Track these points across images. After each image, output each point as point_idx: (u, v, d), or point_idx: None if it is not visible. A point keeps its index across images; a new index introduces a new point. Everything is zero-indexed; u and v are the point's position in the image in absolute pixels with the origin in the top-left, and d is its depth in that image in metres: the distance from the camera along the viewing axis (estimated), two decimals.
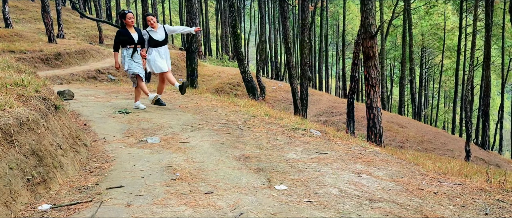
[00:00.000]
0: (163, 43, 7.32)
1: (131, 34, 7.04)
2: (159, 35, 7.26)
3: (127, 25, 7.07)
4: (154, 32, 7.23)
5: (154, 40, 7.20)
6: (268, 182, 3.41)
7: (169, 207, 2.80)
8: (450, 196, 3.19)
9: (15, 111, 3.35)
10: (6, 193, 2.77)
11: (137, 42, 7.05)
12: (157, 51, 7.24)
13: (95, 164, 4.06)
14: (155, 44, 7.23)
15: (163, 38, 7.31)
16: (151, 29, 7.23)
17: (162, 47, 7.31)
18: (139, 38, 7.09)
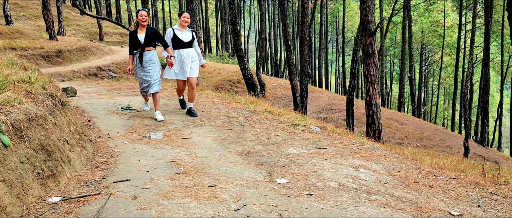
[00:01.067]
0: (187, 45, 6.47)
1: (137, 35, 6.25)
2: (185, 36, 6.48)
3: (139, 25, 6.31)
4: (180, 31, 6.48)
5: (178, 40, 6.41)
6: (269, 176, 3.53)
7: (174, 199, 2.92)
8: (444, 189, 3.31)
9: (24, 108, 3.46)
10: (18, 186, 2.88)
11: (144, 43, 6.18)
12: (179, 53, 6.44)
13: (101, 159, 4.17)
14: (178, 44, 6.43)
15: (189, 39, 6.49)
16: (178, 27, 6.50)
17: (185, 50, 6.46)
18: (147, 38, 6.20)
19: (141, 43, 6.20)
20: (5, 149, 2.92)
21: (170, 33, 6.48)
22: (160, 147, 4.63)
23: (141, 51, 6.21)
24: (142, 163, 3.95)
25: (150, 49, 6.28)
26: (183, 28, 6.52)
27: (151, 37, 6.25)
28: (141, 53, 6.22)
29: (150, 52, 6.28)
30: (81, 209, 2.81)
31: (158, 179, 3.43)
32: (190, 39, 6.52)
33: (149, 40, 6.22)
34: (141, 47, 6.21)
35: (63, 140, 3.85)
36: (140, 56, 6.22)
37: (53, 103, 4.07)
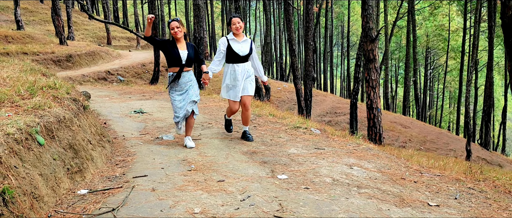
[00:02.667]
0: (243, 59, 5.37)
1: (179, 50, 5.10)
2: (242, 47, 5.37)
3: (176, 39, 5.14)
4: (236, 41, 5.36)
5: (232, 53, 5.33)
6: (272, 172, 3.94)
7: (188, 192, 3.34)
8: (427, 184, 3.71)
9: (53, 111, 3.90)
10: (52, 179, 3.31)
11: (185, 62, 5.08)
12: (233, 69, 5.35)
13: (119, 157, 4.60)
14: (233, 58, 5.35)
15: (247, 52, 5.39)
16: (233, 37, 5.38)
17: (240, 65, 5.36)
18: (189, 57, 5.12)
19: (182, 63, 5.09)
20: (40, 148, 3.36)
21: (223, 44, 5.37)
22: (172, 147, 5.06)
23: (180, 71, 5.11)
24: (156, 161, 4.38)
25: (189, 70, 5.21)
26: (238, 37, 5.40)
27: (194, 56, 5.22)
28: (179, 74, 5.11)
29: (189, 73, 5.22)
30: (107, 199, 3.24)
31: (172, 175, 3.85)
32: (248, 52, 5.40)
33: (191, 60, 5.18)
34: (181, 67, 5.10)
35: (87, 140, 4.29)
36: (177, 77, 5.12)
37: (77, 107, 4.51)
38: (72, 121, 4.12)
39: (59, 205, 3.18)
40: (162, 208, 2.98)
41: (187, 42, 5.28)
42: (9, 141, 3.01)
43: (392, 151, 5.65)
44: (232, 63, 5.40)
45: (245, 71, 5.43)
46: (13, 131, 3.13)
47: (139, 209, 2.98)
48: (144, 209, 2.98)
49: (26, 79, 4.84)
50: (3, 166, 2.78)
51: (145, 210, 2.96)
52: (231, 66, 5.41)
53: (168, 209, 2.96)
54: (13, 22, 26.57)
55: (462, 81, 33.66)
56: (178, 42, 5.15)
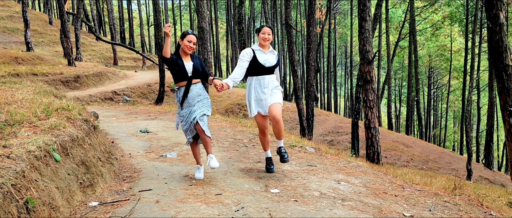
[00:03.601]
0: (269, 71, 4.98)
1: (184, 62, 4.74)
2: (269, 58, 5.00)
3: (181, 50, 4.81)
4: (262, 52, 4.99)
5: (258, 64, 4.92)
6: (265, 187, 4.31)
7: (188, 203, 3.71)
8: (407, 198, 4.06)
9: (67, 131, 4.30)
10: (67, 192, 3.70)
11: (192, 74, 4.73)
12: (258, 81, 4.96)
13: (126, 174, 4.99)
14: (258, 70, 4.95)
15: (274, 63, 5.01)
16: (258, 48, 5.00)
17: (266, 77, 4.97)
18: (195, 69, 4.77)
19: (189, 75, 4.73)
20: (57, 164, 3.75)
21: (248, 55, 4.96)
22: (175, 164, 5.45)
23: (188, 84, 4.73)
24: (160, 177, 4.76)
25: (197, 82, 4.83)
26: (264, 48, 5.03)
27: (200, 67, 4.86)
28: (187, 88, 4.73)
29: (198, 85, 4.84)
30: (116, 210, 3.61)
31: (174, 189, 4.23)
32: (274, 63, 5.03)
33: (197, 71, 4.80)
34: (188, 80, 4.73)
35: (97, 158, 4.68)
36: (186, 92, 4.72)
37: (88, 127, 4.93)
38: (84, 140, 4.52)
39: (73, 215, 3.56)
40: (166, 217, 3.35)
41: (192, 54, 4.91)
42: (31, 157, 3.41)
43: (385, 169, 6.00)
44: (256, 76, 4.98)
45: (272, 83, 5.02)
46: (34, 148, 3.53)
47: (145, 216, 3.36)
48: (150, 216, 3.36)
49: (41, 101, 5.27)
50: (26, 179, 3.17)
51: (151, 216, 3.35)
52: (255, 79, 4.98)
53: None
54: (23, 43, 27.32)
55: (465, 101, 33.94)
56: (183, 55, 4.80)
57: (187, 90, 4.74)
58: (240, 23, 19.80)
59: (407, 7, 33.32)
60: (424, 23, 42.18)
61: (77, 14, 25.31)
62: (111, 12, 33.76)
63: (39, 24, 34.74)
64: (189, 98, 4.74)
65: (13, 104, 4.89)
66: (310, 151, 6.28)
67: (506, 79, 7.88)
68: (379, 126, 31.76)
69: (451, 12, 36.78)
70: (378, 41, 33.03)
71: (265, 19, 26.99)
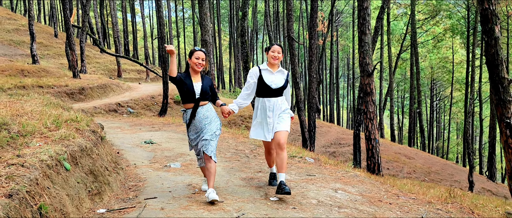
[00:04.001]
0: (276, 93, 4.70)
1: (193, 82, 4.53)
2: (276, 79, 4.72)
3: (190, 69, 4.60)
4: (269, 72, 4.71)
5: (265, 85, 4.67)
6: (265, 195, 4.49)
7: (192, 211, 3.90)
8: (401, 205, 4.24)
9: (77, 141, 4.51)
10: (76, 199, 3.90)
11: (199, 96, 4.50)
12: (263, 104, 4.70)
13: (132, 183, 5.18)
14: (264, 91, 4.69)
15: (280, 85, 4.73)
16: (266, 67, 4.74)
17: (272, 99, 4.68)
18: (204, 90, 4.53)
19: (196, 97, 4.51)
20: (67, 172, 3.96)
21: (255, 74, 4.75)
22: (179, 174, 5.64)
23: (195, 106, 4.51)
24: (165, 186, 4.95)
25: (205, 104, 4.59)
26: (273, 68, 4.75)
27: (209, 89, 4.64)
28: (194, 110, 4.51)
29: (205, 107, 4.59)
30: (123, 216, 3.81)
31: (178, 197, 4.42)
32: (282, 84, 4.74)
33: (205, 93, 4.56)
34: (196, 102, 4.51)
35: (104, 167, 4.89)
36: (193, 113, 4.52)
37: (96, 138, 5.14)
38: (92, 150, 4.73)
39: None
40: None
41: (202, 74, 4.67)
42: (43, 166, 3.61)
43: (383, 179, 6.17)
44: (262, 97, 4.71)
45: (278, 107, 4.69)
46: (46, 158, 3.74)
47: None
48: None
49: (50, 113, 5.49)
50: (39, 186, 3.38)
51: None
52: (261, 100, 4.72)
53: None
54: (28, 56, 27.70)
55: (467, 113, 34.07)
56: (194, 74, 4.57)
57: (193, 113, 4.50)
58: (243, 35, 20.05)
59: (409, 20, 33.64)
60: (426, 35, 42.47)
61: (83, 27, 25.71)
62: (115, 25, 34.21)
63: (44, 37, 35.20)
64: (196, 121, 4.51)
65: (24, 116, 5.11)
66: (310, 161, 6.47)
67: (502, 91, 8.05)
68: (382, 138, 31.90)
69: (452, 24, 37.06)
70: (380, 53, 33.29)
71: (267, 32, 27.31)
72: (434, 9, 37.60)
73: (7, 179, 3.16)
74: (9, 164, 3.48)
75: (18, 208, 2.92)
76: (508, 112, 8.17)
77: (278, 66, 4.80)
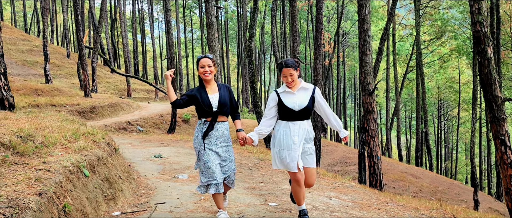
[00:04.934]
0: (301, 116, 4.13)
1: (208, 94, 4.09)
2: (297, 99, 4.13)
3: (204, 81, 4.14)
4: (289, 93, 4.16)
5: (285, 109, 4.12)
6: (265, 201, 4.91)
7: (197, 213, 4.33)
8: (388, 211, 4.63)
9: (94, 152, 4.98)
10: (94, 202, 4.34)
11: (217, 109, 4.04)
12: (286, 128, 4.12)
13: (143, 191, 5.62)
14: (289, 115, 4.13)
15: (304, 105, 4.12)
16: (284, 89, 4.18)
17: (296, 123, 4.11)
18: (222, 102, 4.07)
19: (214, 110, 4.04)
20: (86, 178, 4.41)
21: (273, 101, 4.22)
22: (186, 184, 6.07)
23: (212, 121, 4.04)
24: (173, 193, 5.38)
25: (223, 119, 4.13)
26: (292, 88, 4.17)
27: (228, 100, 4.15)
28: (211, 125, 4.04)
29: (225, 125, 4.16)
30: (136, 217, 4.24)
31: (185, 203, 4.85)
32: (306, 104, 4.12)
33: (224, 105, 4.08)
34: (213, 116, 4.04)
35: (118, 176, 5.34)
36: (210, 128, 4.04)
37: (110, 149, 5.61)
38: (107, 160, 5.19)
39: None
40: None
41: (219, 83, 4.21)
42: (66, 172, 4.07)
43: (377, 191, 6.55)
44: (286, 121, 4.14)
45: (304, 132, 4.12)
46: (68, 165, 4.20)
47: None
48: None
49: (68, 127, 5.97)
50: (63, 189, 3.83)
51: None
52: (284, 124, 4.14)
53: None
54: (41, 75, 28.49)
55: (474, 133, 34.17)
56: (207, 85, 4.12)
57: (211, 126, 4.02)
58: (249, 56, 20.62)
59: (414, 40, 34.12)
60: (432, 55, 42.83)
61: (94, 47, 26.49)
62: (126, 45, 35.07)
63: (57, 57, 36.13)
64: (213, 136, 4.02)
65: (46, 129, 5.59)
66: None
67: (496, 109, 8.43)
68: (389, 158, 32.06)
69: (458, 45, 37.41)
70: (386, 73, 33.69)
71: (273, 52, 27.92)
72: (439, 30, 38.03)
73: (36, 181, 3.62)
74: (37, 169, 3.94)
75: (46, 205, 3.37)
76: (502, 129, 8.54)
77: (299, 83, 4.20)
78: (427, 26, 40.36)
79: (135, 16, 40.42)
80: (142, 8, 44.55)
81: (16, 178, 3.63)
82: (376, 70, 15.77)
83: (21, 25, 54.84)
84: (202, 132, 4.06)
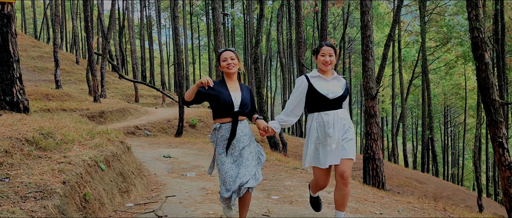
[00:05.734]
0: (336, 104, 3.73)
1: (229, 91, 3.64)
2: (332, 87, 3.75)
3: (225, 76, 3.73)
4: (322, 79, 3.77)
5: (319, 96, 3.71)
6: (268, 195, 5.26)
7: (204, 204, 4.69)
8: (383, 204, 4.95)
9: (109, 148, 5.36)
10: (110, 193, 4.71)
11: (239, 109, 3.62)
12: (320, 120, 3.71)
13: (153, 186, 5.99)
14: (321, 104, 3.73)
15: (340, 94, 3.74)
16: (317, 73, 3.80)
17: (331, 113, 3.69)
18: (244, 101, 3.65)
19: (235, 110, 3.61)
20: (102, 172, 4.79)
21: (302, 86, 3.79)
22: (194, 180, 6.44)
23: (234, 121, 3.61)
24: (182, 188, 5.75)
25: (243, 119, 3.73)
26: (326, 74, 3.80)
27: (250, 102, 3.74)
28: (234, 128, 3.60)
29: (243, 123, 3.71)
30: (148, 207, 4.60)
31: (194, 195, 5.21)
32: (341, 93, 3.76)
33: (245, 106, 3.67)
34: (234, 117, 3.61)
35: (130, 171, 5.72)
36: (234, 129, 3.59)
37: (123, 147, 5.99)
38: (121, 156, 5.57)
39: (114, 211, 4.55)
40: (187, 211, 4.34)
41: (241, 83, 3.81)
42: (85, 165, 4.45)
43: (372, 187, 6.87)
44: (318, 112, 3.70)
45: (340, 122, 3.68)
46: (87, 159, 4.58)
47: (171, 211, 4.34)
48: (175, 211, 4.34)
49: (83, 128, 6.37)
50: (83, 180, 4.20)
51: (175, 212, 4.33)
52: (316, 116, 3.72)
53: (191, 212, 4.32)
54: (51, 81, 29.07)
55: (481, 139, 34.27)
56: (229, 81, 3.69)
57: (233, 132, 3.57)
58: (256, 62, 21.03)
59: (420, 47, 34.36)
60: (438, 62, 42.96)
61: (103, 54, 27.02)
62: (134, 52, 35.63)
63: (66, 63, 36.75)
64: (236, 139, 3.60)
65: (63, 128, 5.98)
66: (310, 172, 7.20)
67: (493, 112, 8.72)
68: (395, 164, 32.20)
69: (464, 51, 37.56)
70: (392, 79, 33.92)
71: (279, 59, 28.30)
72: (445, 37, 38.22)
73: (59, 172, 4.00)
74: (58, 162, 4.32)
75: (70, 192, 3.74)
76: (500, 132, 8.83)
77: (332, 72, 3.84)
78: (433, 33, 40.57)
79: (143, 23, 41.04)
80: (150, 15, 45.20)
81: (41, 169, 4.01)
82: (381, 76, 16.05)
83: (30, 31, 55.73)
84: (225, 139, 3.61)
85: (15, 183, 3.47)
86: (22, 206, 3.03)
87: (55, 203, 3.27)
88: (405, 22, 40.17)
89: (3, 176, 3.62)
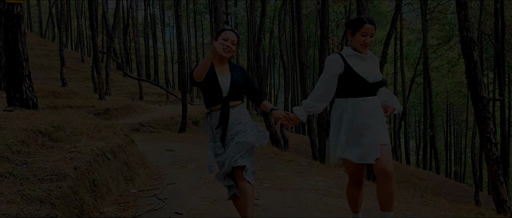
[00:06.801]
0: (374, 89, 3.23)
1: (216, 75, 3.26)
2: (371, 69, 3.21)
3: (217, 58, 3.29)
4: (359, 58, 3.19)
5: (357, 78, 3.16)
6: (260, 183, 5.72)
7: (201, 189, 5.16)
8: (365, 191, 5.38)
9: (115, 140, 5.83)
10: (116, 180, 5.19)
11: (229, 92, 3.25)
12: (356, 106, 3.17)
13: (156, 176, 6.47)
14: (359, 88, 3.19)
15: (379, 79, 3.24)
16: (352, 51, 3.21)
17: (370, 98, 3.19)
18: (234, 82, 3.28)
19: (224, 96, 3.26)
20: (109, 161, 5.26)
21: (337, 66, 3.20)
22: (193, 171, 6.92)
23: (224, 108, 3.26)
24: (182, 177, 6.22)
25: (237, 104, 3.33)
26: (364, 52, 3.22)
27: (242, 81, 3.37)
28: (225, 113, 3.26)
29: (236, 109, 3.33)
30: (150, 193, 5.07)
31: (192, 183, 5.69)
32: (380, 78, 3.25)
33: (236, 88, 3.31)
34: (223, 102, 3.26)
35: (134, 162, 6.19)
36: (224, 117, 3.26)
37: (128, 139, 6.47)
38: (125, 147, 6.05)
39: (120, 195, 5.03)
40: (185, 195, 4.81)
41: (232, 63, 3.41)
42: (93, 154, 4.92)
43: None
44: (354, 97, 3.17)
45: (378, 110, 3.23)
46: (95, 149, 5.05)
47: (171, 195, 4.82)
48: (174, 195, 4.82)
49: (91, 122, 6.84)
50: (92, 167, 4.68)
51: (175, 196, 4.80)
52: (352, 102, 3.19)
53: (189, 196, 4.79)
54: (57, 79, 29.61)
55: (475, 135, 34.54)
56: (217, 63, 3.30)
57: (224, 118, 3.23)
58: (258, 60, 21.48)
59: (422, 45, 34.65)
60: (440, 59, 43.13)
61: (108, 52, 27.56)
62: (138, 50, 36.12)
63: (72, 61, 37.29)
64: (229, 126, 3.26)
65: (72, 122, 6.46)
66: (304, 164, 7.67)
67: (482, 109, 9.12)
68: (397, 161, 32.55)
69: None
70: (394, 77, 34.24)
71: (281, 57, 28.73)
72: (447, 35, 38.44)
73: (71, 159, 4.47)
74: (70, 151, 4.79)
75: (81, 176, 4.21)
76: (487, 128, 9.24)
77: (368, 50, 3.24)
78: (436, 31, 40.77)
79: (147, 22, 41.57)
80: (154, 13, 45.72)
81: (54, 157, 4.48)
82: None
83: (36, 30, 56.41)
84: (213, 127, 3.32)
85: (33, 168, 3.94)
86: (40, 186, 3.50)
87: (68, 184, 3.74)
88: (407, 20, 40.41)
89: (22, 162, 4.09)
